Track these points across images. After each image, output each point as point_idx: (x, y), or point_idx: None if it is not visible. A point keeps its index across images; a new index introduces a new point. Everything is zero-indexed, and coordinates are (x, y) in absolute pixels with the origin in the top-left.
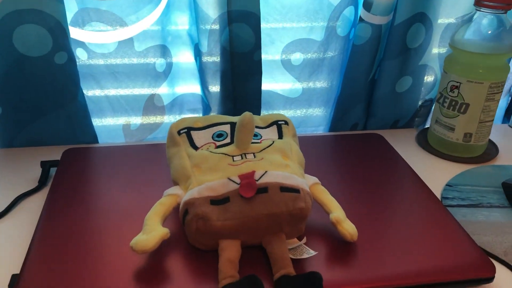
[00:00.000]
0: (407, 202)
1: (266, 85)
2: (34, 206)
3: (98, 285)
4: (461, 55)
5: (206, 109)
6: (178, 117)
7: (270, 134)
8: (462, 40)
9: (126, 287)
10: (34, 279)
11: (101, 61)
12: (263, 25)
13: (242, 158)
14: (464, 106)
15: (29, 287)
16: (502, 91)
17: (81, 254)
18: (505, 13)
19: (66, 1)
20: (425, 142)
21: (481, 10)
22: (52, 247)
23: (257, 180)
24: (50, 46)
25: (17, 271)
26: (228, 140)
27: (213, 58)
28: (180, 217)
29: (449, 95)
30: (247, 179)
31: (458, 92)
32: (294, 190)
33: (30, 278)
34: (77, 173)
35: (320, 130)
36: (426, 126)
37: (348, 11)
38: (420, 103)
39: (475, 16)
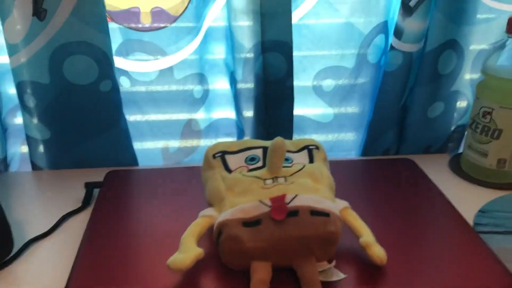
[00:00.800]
0: (438, 228)
1: (298, 110)
2: (78, 225)
3: None
4: (493, 81)
5: (240, 134)
6: (213, 141)
7: (301, 158)
8: (494, 66)
9: None
10: None
11: (142, 88)
12: (295, 53)
13: (273, 181)
14: (497, 132)
15: None
16: None
17: (122, 272)
18: None
19: (111, 33)
20: (458, 167)
21: None
22: (95, 264)
23: (288, 203)
24: (96, 75)
25: (63, 287)
26: (260, 163)
27: (247, 85)
28: (213, 237)
29: (482, 121)
30: (278, 202)
31: (491, 118)
32: (324, 214)
33: None
34: (118, 194)
35: (352, 155)
36: (459, 152)
37: (379, 39)
38: (452, 128)
39: (507, 43)
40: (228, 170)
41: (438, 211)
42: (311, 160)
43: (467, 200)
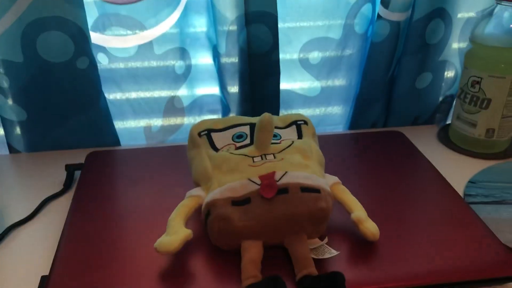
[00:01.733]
0: (429, 200)
1: (285, 84)
2: (60, 209)
3: (124, 285)
4: (481, 49)
5: (225, 110)
6: (198, 119)
7: (290, 134)
8: (482, 34)
9: (151, 286)
10: (63, 280)
11: (121, 65)
12: (280, 24)
13: (262, 159)
14: (486, 101)
15: None
16: None
17: (107, 256)
18: None
19: (86, 7)
20: (446, 138)
21: (502, 3)
22: (79, 249)
23: (277, 181)
24: (72, 52)
25: (46, 273)
26: (248, 141)
27: (231, 59)
28: (202, 218)
29: (470, 91)
30: (268, 179)
31: (480, 87)
32: (315, 190)
33: (59, 279)
34: (100, 176)
35: (340, 128)
36: (448, 123)
37: (366, 9)
38: (440, 99)
39: (495, 10)
40: (215, 148)
41: (428, 183)
42: (299, 136)
43: (457, 171)
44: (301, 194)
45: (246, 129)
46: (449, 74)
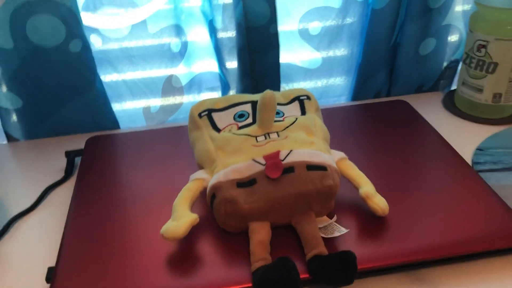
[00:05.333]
0: (437, 169)
1: (285, 57)
2: (62, 197)
3: (132, 272)
4: (487, 11)
5: (225, 87)
6: (197, 97)
7: (293, 110)
8: None
9: (159, 273)
10: (70, 271)
11: (115, 46)
12: None
13: (265, 138)
14: (492, 65)
15: (66, 279)
16: None
17: (113, 244)
18: None
19: None
20: (452, 105)
21: None
22: (84, 238)
23: (282, 160)
24: (64, 34)
25: (53, 264)
26: (250, 120)
27: (228, 34)
28: (207, 201)
29: (476, 55)
30: (273, 159)
31: (486, 51)
32: (321, 167)
33: (66, 269)
34: (101, 161)
35: (343, 100)
36: (453, 88)
37: None
38: (445, 65)
39: None
40: (217, 129)
41: (436, 152)
42: (303, 112)
43: (464, 138)
44: (308, 172)
45: (247, 108)
46: (453, 38)
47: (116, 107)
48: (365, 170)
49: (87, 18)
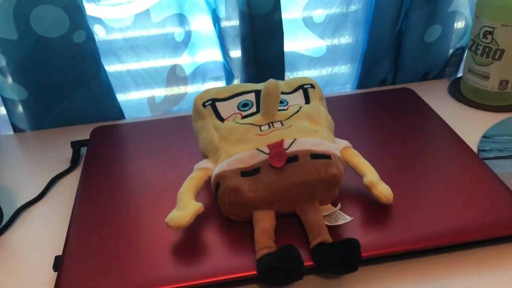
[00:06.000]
0: (442, 157)
1: (289, 46)
2: (68, 187)
3: (137, 260)
4: None
5: (229, 76)
6: (201, 87)
7: (297, 99)
8: None
9: (164, 261)
10: (77, 259)
11: (119, 36)
12: None
13: (269, 127)
14: (498, 52)
15: (73, 267)
16: None
17: (119, 232)
18: None
19: None
20: (458, 92)
21: None
22: (90, 226)
23: (286, 149)
24: (68, 25)
25: (60, 253)
26: (254, 109)
27: (232, 23)
28: (212, 190)
29: (482, 42)
30: (276, 148)
31: (492, 37)
32: (325, 156)
33: (73, 258)
34: (107, 151)
35: (348, 88)
36: (459, 76)
37: None
38: (451, 52)
39: None
40: (220, 118)
41: (441, 139)
42: (307, 101)
43: (469, 125)
44: (312, 161)
45: (251, 97)
46: (459, 25)
47: (121, 97)
48: (369, 159)
49: (90, 9)
